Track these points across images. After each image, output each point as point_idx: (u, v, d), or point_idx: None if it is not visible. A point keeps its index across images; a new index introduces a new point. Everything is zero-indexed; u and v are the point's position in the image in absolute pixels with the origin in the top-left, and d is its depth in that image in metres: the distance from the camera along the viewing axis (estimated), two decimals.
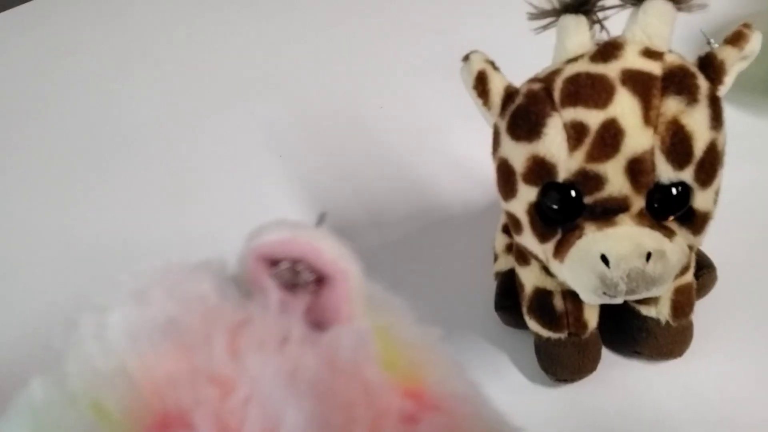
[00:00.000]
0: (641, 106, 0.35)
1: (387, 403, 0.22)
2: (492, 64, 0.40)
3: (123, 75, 0.83)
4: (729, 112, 0.59)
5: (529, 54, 0.40)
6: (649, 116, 0.35)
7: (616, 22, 0.39)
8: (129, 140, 0.74)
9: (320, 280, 0.24)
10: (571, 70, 0.37)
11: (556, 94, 0.36)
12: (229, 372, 0.22)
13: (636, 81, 0.35)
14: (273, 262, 0.24)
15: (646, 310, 0.45)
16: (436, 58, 0.39)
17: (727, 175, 0.54)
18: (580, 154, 0.35)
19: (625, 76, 0.35)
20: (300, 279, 0.24)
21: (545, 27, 0.39)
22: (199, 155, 0.71)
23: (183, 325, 0.23)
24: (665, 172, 0.35)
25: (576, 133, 0.35)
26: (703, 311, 0.48)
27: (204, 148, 0.71)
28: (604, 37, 0.39)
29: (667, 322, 0.45)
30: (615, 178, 0.35)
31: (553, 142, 0.36)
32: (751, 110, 0.61)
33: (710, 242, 0.48)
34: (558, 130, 0.36)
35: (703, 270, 0.48)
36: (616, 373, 0.47)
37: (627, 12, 0.38)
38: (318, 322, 0.24)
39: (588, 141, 0.35)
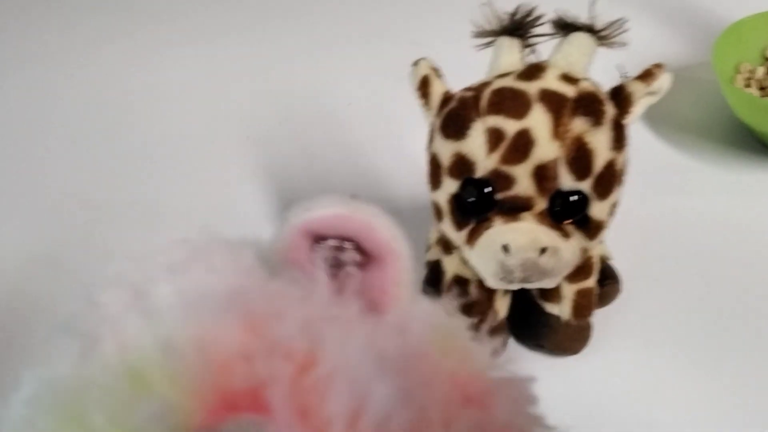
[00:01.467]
0: (552, 121, 0.40)
1: (450, 388, 0.22)
2: (436, 71, 0.46)
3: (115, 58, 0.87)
4: (663, 147, 0.65)
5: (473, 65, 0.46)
6: (558, 131, 0.40)
7: (545, 48, 0.44)
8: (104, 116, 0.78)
9: (364, 260, 0.23)
10: (498, 83, 0.42)
11: (483, 103, 0.42)
12: (306, 347, 0.21)
13: (551, 100, 0.41)
14: (318, 239, 0.23)
15: (549, 307, 0.50)
16: (404, 64, 0.45)
17: (652, 201, 0.60)
18: (496, 156, 0.41)
19: (542, 94, 0.41)
20: (344, 258, 0.23)
21: (486, 45, 0.45)
22: (172, 135, 0.75)
23: (246, 296, 0.22)
24: (566, 180, 0.41)
25: (494, 137, 0.41)
26: (604, 317, 0.53)
27: (177, 129, 0.76)
28: (532, 59, 0.44)
29: (568, 321, 0.50)
30: (523, 180, 0.41)
31: (474, 143, 0.41)
32: (683, 148, 0.67)
33: (622, 259, 0.55)
34: (480, 133, 0.41)
35: (608, 280, 0.54)
36: (519, 362, 0.52)
37: (555, 40, 0.44)
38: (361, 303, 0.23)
39: (504, 145, 0.41)
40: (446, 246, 0.50)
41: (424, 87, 0.45)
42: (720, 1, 0.80)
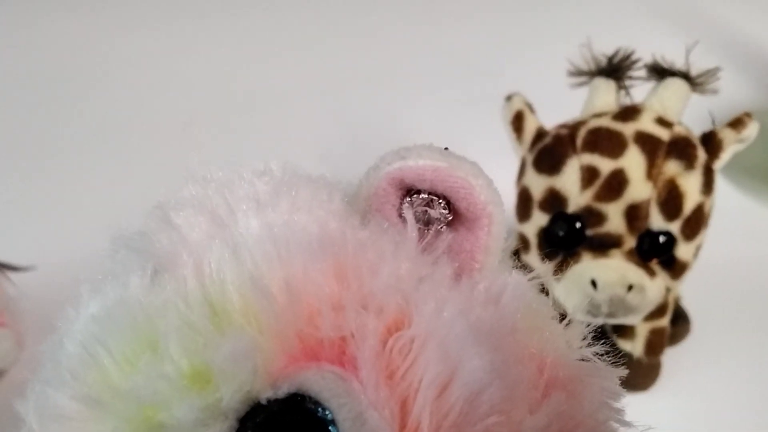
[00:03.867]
0: (646, 163, 0.42)
1: (537, 368, 0.21)
2: (529, 106, 0.47)
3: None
4: (732, 192, 0.66)
5: (562, 101, 0.47)
6: (651, 172, 0.42)
7: (639, 91, 0.46)
8: None
9: (453, 220, 0.22)
10: (594, 123, 0.44)
11: (579, 141, 0.43)
12: (398, 305, 0.20)
13: (646, 142, 0.42)
14: (408, 190, 0.21)
15: (622, 344, 0.51)
16: (482, 93, 0.47)
17: (723, 245, 0.61)
18: (589, 193, 0.42)
19: (637, 136, 0.42)
20: (433, 215, 0.21)
21: (581, 84, 0.47)
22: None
23: (338, 242, 0.20)
24: (657, 221, 0.42)
25: (589, 175, 0.42)
26: (674, 357, 0.54)
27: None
28: (627, 101, 0.46)
29: (639, 358, 0.51)
30: (614, 218, 0.42)
31: (569, 179, 0.43)
32: (751, 193, 0.68)
33: (693, 300, 0.55)
34: (575, 170, 0.43)
35: (680, 320, 0.55)
36: None
37: (650, 84, 0.45)
38: None
39: (598, 183, 0.42)
40: None
41: (517, 121, 0.47)
42: None
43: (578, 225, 0.43)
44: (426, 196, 0.21)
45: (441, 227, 0.21)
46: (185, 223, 0.21)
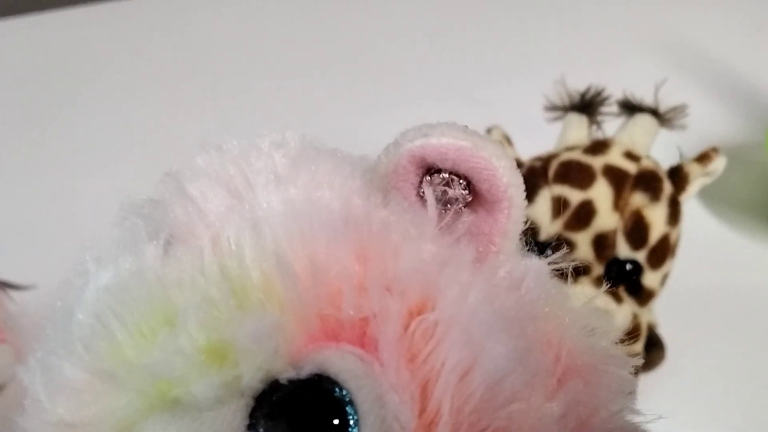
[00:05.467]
0: (613, 194, 0.44)
1: (555, 355, 0.20)
2: (507, 138, 0.50)
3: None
4: (714, 224, 0.68)
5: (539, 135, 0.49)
6: (618, 204, 0.44)
7: (610, 126, 0.48)
8: None
9: (472, 201, 0.21)
10: (566, 156, 0.46)
11: (550, 173, 0.45)
12: (421, 288, 0.19)
13: (614, 174, 0.44)
14: (428, 169, 0.21)
15: None
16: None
17: (702, 275, 0.63)
18: (559, 222, 0.44)
19: (606, 169, 0.45)
20: (451, 195, 0.21)
21: (556, 118, 0.49)
22: None
23: (360, 221, 0.20)
24: (623, 249, 0.44)
25: (559, 205, 0.44)
26: (647, 383, 0.56)
27: None
28: (599, 135, 0.48)
29: None
30: (583, 247, 0.44)
31: (540, 209, 0.45)
32: (733, 225, 0.70)
33: (669, 327, 0.57)
34: (546, 200, 0.45)
35: (654, 347, 0.56)
36: None
37: (621, 119, 0.48)
38: None
39: (567, 213, 0.44)
40: None
41: None
42: None
43: (548, 252, 0.45)
44: (446, 175, 0.21)
45: (460, 208, 0.21)
46: (200, 194, 0.21)
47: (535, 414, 0.19)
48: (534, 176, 0.46)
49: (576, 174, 0.45)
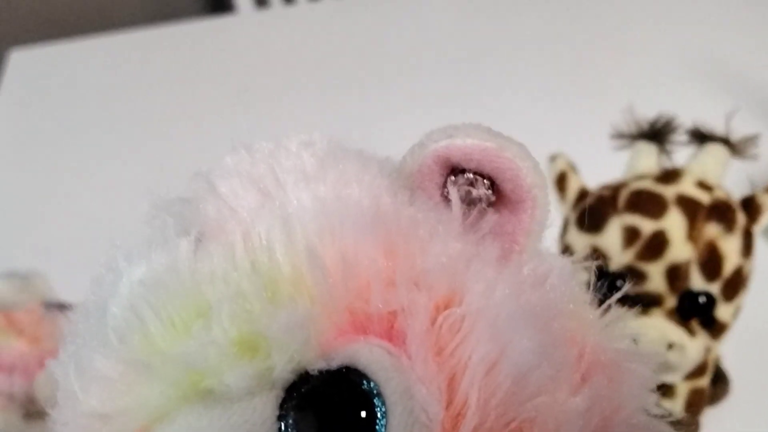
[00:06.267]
0: (687, 225, 0.43)
1: (579, 351, 0.21)
2: (572, 167, 0.49)
3: None
4: None
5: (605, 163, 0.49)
6: (692, 234, 0.43)
7: (680, 155, 0.47)
8: None
9: (496, 201, 0.21)
10: (636, 184, 0.45)
11: (621, 202, 0.45)
12: (448, 284, 0.20)
13: (687, 204, 0.43)
14: (453, 169, 0.21)
15: (663, 402, 0.52)
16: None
17: (763, 307, 0.61)
18: (630, 252, 0.44)
19: (679, 198, 0.44)
20: (476, 194, 0.21)
21: (623, 147, 0.48)
22: None
23: (389, 218, 0.20)
24: (697, 281, 0.43)
25: (630, 234, 0.44)
26: (713, 418, 0.54)
27: None
28: (668, 164, 0.47)
29: (678, 417, 0.51)
30: (655, 278, 0.43)
31: (610, 238, 0.44)
32: None
33: (734, 361, 0.56)
34: (616, 229, 0.44)
35: (719, 381, 0.55)
36: None
37: (691, 148, 0.47)
38: None
39: (639, 243, 0.43)
40: None
41: (560, 182, 0.48)
42: None
43: (619, 283, 0.44)
44: (470, 175, 0.21)
45: (484, 207, 0.21)
46: (231, 193, 0.21)
47: (560, 408, 0.19)
48: (603, 205, 0.45)
49: (648, 203, 0.44)
